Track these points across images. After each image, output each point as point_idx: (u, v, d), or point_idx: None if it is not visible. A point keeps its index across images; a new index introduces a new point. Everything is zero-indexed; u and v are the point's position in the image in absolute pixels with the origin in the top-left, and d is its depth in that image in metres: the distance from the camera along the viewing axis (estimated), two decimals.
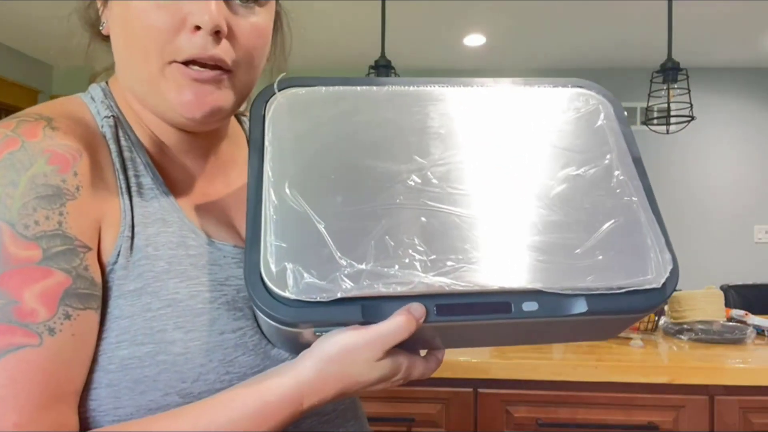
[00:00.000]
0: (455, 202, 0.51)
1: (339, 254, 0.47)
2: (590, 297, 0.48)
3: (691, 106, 2.48)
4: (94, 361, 0.49)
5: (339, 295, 0.45)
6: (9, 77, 3.92)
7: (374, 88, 0.57)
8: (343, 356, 0.48)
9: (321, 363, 0.48)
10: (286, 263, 0.46)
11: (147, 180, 0.55)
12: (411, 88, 0.58)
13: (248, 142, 0.68)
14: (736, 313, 1.73)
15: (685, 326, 1.59)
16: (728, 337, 1.51)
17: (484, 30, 3.58)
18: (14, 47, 3.93)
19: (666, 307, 1.71)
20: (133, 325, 0.49)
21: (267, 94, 0.56)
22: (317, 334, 0.48)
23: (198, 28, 0.51)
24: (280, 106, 0.55)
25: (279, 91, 0.56)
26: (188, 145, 0.60)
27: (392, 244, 0.48)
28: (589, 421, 1.29)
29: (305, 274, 0.46)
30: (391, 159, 0.53)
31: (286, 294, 0.45)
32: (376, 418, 1.29)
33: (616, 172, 0.54)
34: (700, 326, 1.56)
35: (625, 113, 0.59)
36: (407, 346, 0.50)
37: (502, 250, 0.49)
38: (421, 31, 3.58)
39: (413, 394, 1.31)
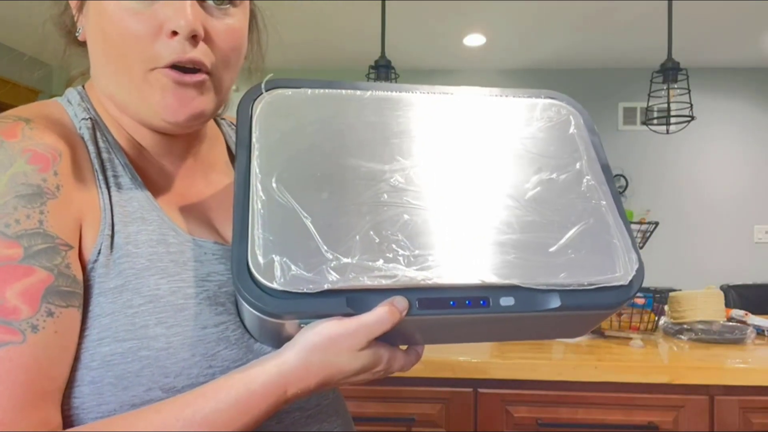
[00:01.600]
0: (437, 201, 0.54)
1: (325, 248, 0.48)
2: (563, 292, 0.51)
3: (691, 106, 2.47)
4: (77, 359, 0.49)
5: (325, 287, 0.47)
6: (9, 77, 3.92)
7: (358, 92, 0.59)
8: (327, 345, 0.48)
9: (304, 352, 0.49)
10: (273, 255, 0.47)
11: (126, 180, 0.56)
12: (393, 93, 0.60)
13: (228, 142, 0.69)
14: (736, 313, 1.73)
15: (685, 326, 1.59)
16: (728, 337, 1.51)
17: (484, 30, 3.58)
18: (14, 47, 3.93)
19: (666, 307, 1.71)
20: (115, 321, 0.49)
21: (254, 94, 0.57)
22: (301, 325, 0.49)
23: (175, 33, 0.51)
24: (267, 106, 0.56)
25: (266, 91, 0.57)
26: (166, 148, 0.61)
27: (377, 239, 0.50)
28: (589, 421, 1.30)
29: (292, 266, 0.47)
30: (375, 159, 0.55)
31: (273, 285, 0.46)
32: (376, 418, 1.30)
33: (586, 177, 0.58)
34: (700, 326, 1.56)
35: (594, 125, 0.63)
36: (388, 340, 0.52)
37: (480, 248, 0.52)
38: (421, 31, 3.58)
39: (413, 394, 1.31)
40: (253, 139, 0.54)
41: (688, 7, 3.10)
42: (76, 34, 0.59)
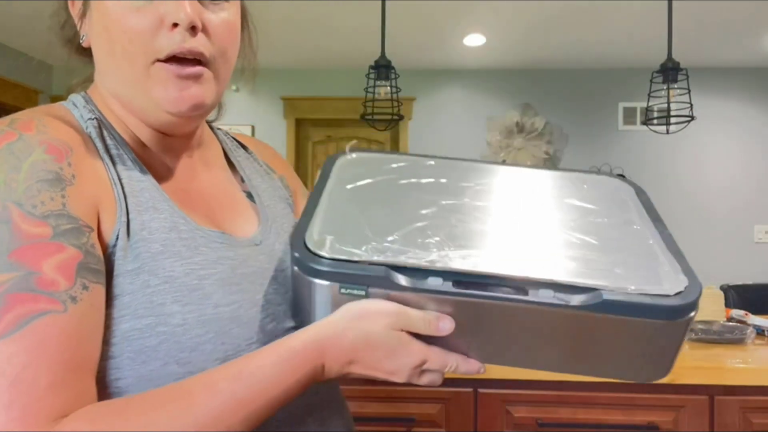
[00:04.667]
0: (483, 220, 0.57)
1: (372, 235, 0.54)
2: (605, 292, 0.50)
3: (691, 106, 2.47)
4: None
5: (368, 258, 0.51)
6: (9, 77, 3.92)
7: (425, 159, 0.68)
8: (364, 314, 0.51)
9: (342, 319, 0.51)
10: (327, 235, 0.53)
11: (136, 173, 0.58)
12: (459, 162, 0.68)
13: (225, 148, 0.74)
14: (736, 313, 1.73)
15: None
16: (728, 337, 1.51)
17: (484, 30, 3.58)
18: (14, 47, 3.93)
19: None
20: (134, 300, 0.52)
21: (339, 155, 0.66)
22: (342, 292, 0.52)
23: (175, 25, 0.55)
24: (346, 160, 0.66)
25: (349, 153, 0.67)
26: (167, 145, 0.64)
27: (420, 239, 0.54)
28: (589, 421, 1.30)
29: (341, 243, 0.53)
30: (442, 194, 0.61)
31: (323, 253, 0.52)
32: (376, 418, 1.30)
33: (635, 226, 0.59)
34: (700, 326, 1.56)
35: (652, 201, 0.66)
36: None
37: (525, 251, 0.54)
38: (421, 31, 3.58)
39: (413, 394, 1.31)
40: (333, 170, 0.64)
41: (688, 7, 3.10)
42: (80, 41, 0.62)
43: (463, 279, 0.50)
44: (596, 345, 0.53)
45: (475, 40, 3.73)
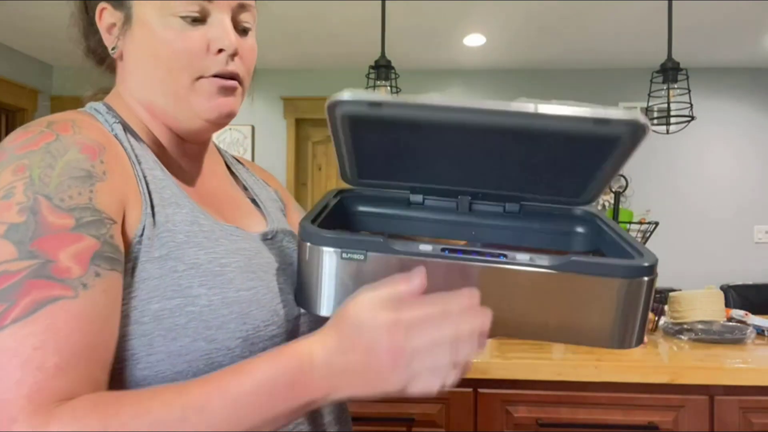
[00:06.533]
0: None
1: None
2: (573, 255, 0.57)
3: (691, 106, 2.47)
4: (127, 316, 0.56)
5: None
6: (9, 77, 3.92)
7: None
8: (352, 305, 0.53)
9: (336, 319, 0.54)
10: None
11: (158, 172, 0.65)
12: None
13: (226, 162, 0.82)
14: (736, 313, 1.73)
15: (685, 326, 1.59)
16: (728, 337, 1.51)
17: (484, 30, 3.58)
18: (14, 47, 3.93)
19: (666, 307, 1.71)
20: (162, 283, 0.57)
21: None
22: (344, 257, 0.57)
23: (221, 50, 0.65)
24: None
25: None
26: (184, 151, 0.72)
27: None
28: (589, 421, 1.30)
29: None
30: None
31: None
32: (376, 418, 1.30)
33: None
34: (700, 326, 1.56)
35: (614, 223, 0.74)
36: None
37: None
38: (421, 31, 3.58)
39: None
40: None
41: (688, 7, 3.10)
42: (111, 53, 0.68)
43: (451, 248, 0.57)
44: (568, 306, 0.59)
45: (475, 40, 3.73)
